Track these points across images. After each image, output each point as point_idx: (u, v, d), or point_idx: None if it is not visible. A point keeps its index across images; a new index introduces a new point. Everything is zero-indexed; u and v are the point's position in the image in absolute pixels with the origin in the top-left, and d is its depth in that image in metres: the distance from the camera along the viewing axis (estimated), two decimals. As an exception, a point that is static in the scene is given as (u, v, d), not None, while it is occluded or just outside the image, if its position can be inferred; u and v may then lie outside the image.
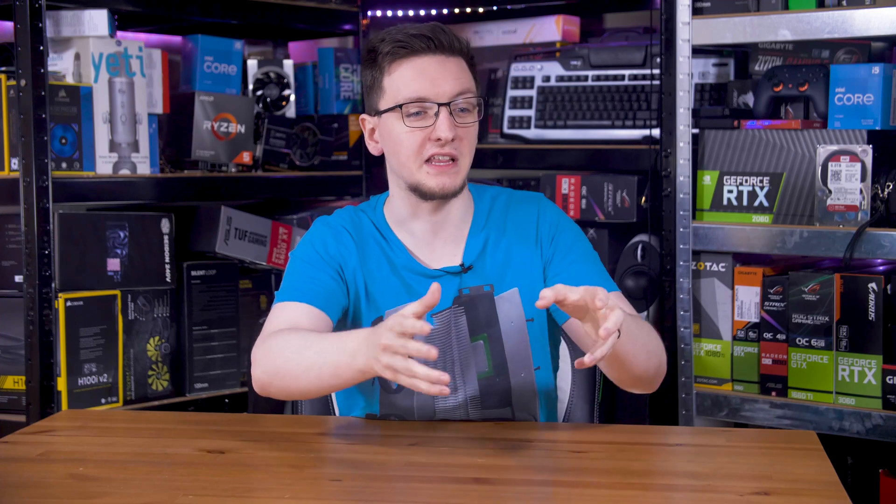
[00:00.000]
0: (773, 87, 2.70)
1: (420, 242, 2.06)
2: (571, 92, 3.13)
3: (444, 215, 2.04)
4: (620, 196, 2.98)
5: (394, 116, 1.98)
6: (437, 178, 1.97)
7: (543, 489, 1.66)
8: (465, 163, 2.00)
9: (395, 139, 1.99)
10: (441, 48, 1.98)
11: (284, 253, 3.19)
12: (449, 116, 1.95)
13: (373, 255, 2.06)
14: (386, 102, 2.00)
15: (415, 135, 1.97)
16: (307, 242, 2.07)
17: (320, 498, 1.67)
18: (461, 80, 1.98)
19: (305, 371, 1.84)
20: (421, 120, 1.97)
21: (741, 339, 2.71)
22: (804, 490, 1.63)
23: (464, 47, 2.01)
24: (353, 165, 3.44)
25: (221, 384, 3.07)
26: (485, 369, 2.04)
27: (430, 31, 1.98)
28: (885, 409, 2.52)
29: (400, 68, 1.98)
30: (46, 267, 2.71)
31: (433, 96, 1.96)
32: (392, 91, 1.99)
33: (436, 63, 1.97)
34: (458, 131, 1.96)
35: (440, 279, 2.02)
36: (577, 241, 2.08)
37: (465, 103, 1.98)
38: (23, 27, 2.67)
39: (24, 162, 2.69)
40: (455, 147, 1.97)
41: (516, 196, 2.13)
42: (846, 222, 2.53)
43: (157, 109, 3.02)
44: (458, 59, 2.00)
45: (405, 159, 1.98)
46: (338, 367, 1.79)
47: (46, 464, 1.78)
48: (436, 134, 1.95)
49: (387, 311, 2.03)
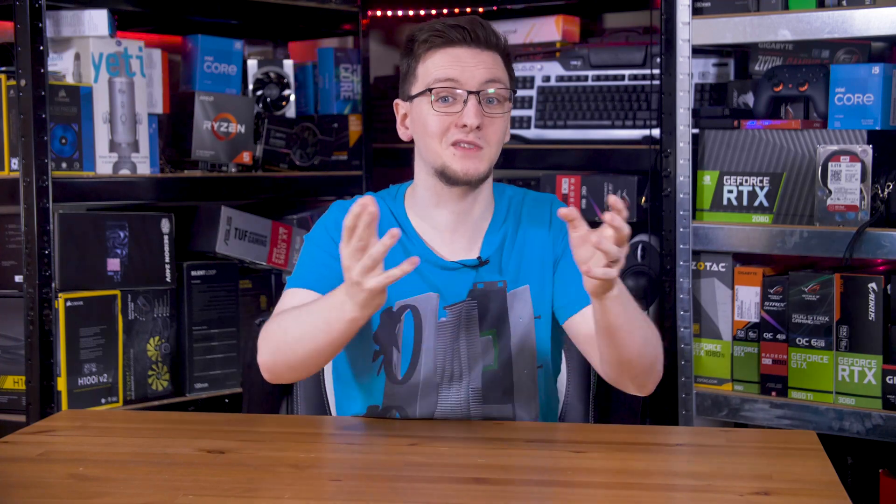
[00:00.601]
0: (773, 87, 2.70)
1: (439, 234, 2.07)
2: (571, 92, 3.13)
3: (467, 206, 2.05)
4: (620, 196, 2.98)
5: (424, 100, 2.00)
6: (461, 162, 1.99)
7: (543, 489, 1.66)
8: (491, 152, 2.01)
9: (422, 122, 2.01)
10: (477, 41, 2.01)
11: (285, 253, 3.19)
12: (477, 104, 1.97)
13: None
14: (417, 87, 2.02)
15: (441, 119, 1.98)
16: (322, 226, 2.08)
17: (320, 498, 1.67)
18: (493, 71, 2.00)
19: (300, 338, 1.88)
20: (449, 106, 1.99)
21: (741, 339, 2.71)
22: (804, 490, 1.63)
23: (500, 43, 2.04)
24: (353, 165, 3.44)
25: (221, 384, 3.07)
26: (490, 363, 2.05)
27: (467, 23, 2.02)
28: (885, 409, 2.52)
29: (434, 56, 2.01)
30: (46, 267, 2.71)
31: (463, 82, 1.98)
32: (424, 76, 2.01)
33: (470, 54, 2.00)
34: (484, 120, 1.98)
35: (456, 272, 2.03)
36: None
37: (494, 94, 1.99)
38: (23, 27, 2.67)
39: (24, 162, 2.69)
40: (480, 136, 1.98)
41: (531, 195, 2.15)
42: (846, 222, 2.53)
43: (157, 109, 3.02)
44: (492, 54, 2.02)
45: (431, 141, 2.00)
46: (328, 322, 1.83)
47: (46, 464, 1.78)
48: (462, 120, 1.97)
49: (397, 301, 2.04)
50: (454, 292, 2.04)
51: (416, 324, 2.04)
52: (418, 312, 2.04)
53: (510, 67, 2.05)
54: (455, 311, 2.04)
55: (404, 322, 2.03)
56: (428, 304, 2.04)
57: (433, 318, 2.03)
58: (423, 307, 2.04)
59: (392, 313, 2.04)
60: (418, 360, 2.04)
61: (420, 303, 2.04)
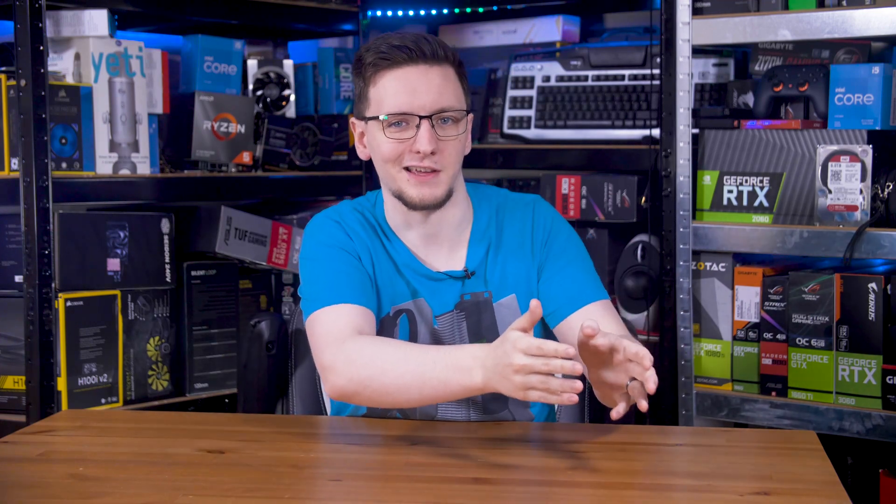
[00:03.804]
0: (773, 87, 2.70)
1: (419, 246, 2.05)
2: (571, 92, 3.13)
3: (436, 225, 2.02)
4: (620, 196, 2.98)
5: (376, 125, 1.96)
6: (417, 189, 1.95)
7: (543, 489, 1.66)
8: (449, 174, 1.97)
9: (377, 147, 1.98)
10: (423, 57, 1.94)
11: (284, 253, 3.19)
12: (430, 129, 1.93)
13: (376, 253, 2.04)
14: (370, 111, 1.98)
15: (395, 145, 1.95)
16: (319, 243, 2.03)
17: (320, 498, 1.67)
18: (444, 93, 1.94)
19: (405, 385, 1.81)
20: (402, 131, 1.94)
21: (741, 339, 2.71)
22: (804, 490, 1.63)
23: (449, 54, 1.97)
24: (353, 165, 3.44)
25: (221, 384, 3.07)
26: None
27: (411, 40, 1.95)
28: (885, 409, 2.52)
29: (382, 79, 1.95)
30: (46, 267, 2.71)
31: (414, 109, 1.93)
32: (376, 101, 1.97)
33: (418, 73, 1.94)
34: (439, 144, 1.94)
35: (443, 282, 2.02)
36: (569, 244, 2.06)
37: (448, 115, 1.95)
38: (23, 27, 2.67)
39: (24, 162, 2.69)
40: (435, 161, 1.94)
41: (512, 200, 2.10)
42: (846, 222, 2.53)
43: (157, 109, 3.02)
44: (443, 68, 1.96)
45: (386, 165, 1.97)
46: (447, 383, 1.77)
47: (46, 464, 1.78)
48: (415, 147, 1.93)
49: (392, 306, 2.03)
50: (442, 302, 2.03)
51: (411, 328, 2.03)
52: (413, 317, 2.03)
53: (464, 80, 2.00)
54: (444, 320, 2.03)
55: (399, 326, 2.03)
56: (422, 309, 2.03)
57: (428, 325, 2.03)
58: (417, 312, 2.03)
59: (388, 318, 2.03)
60: None
61: (415, 307, 2.03)
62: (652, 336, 2.86)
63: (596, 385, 1.83)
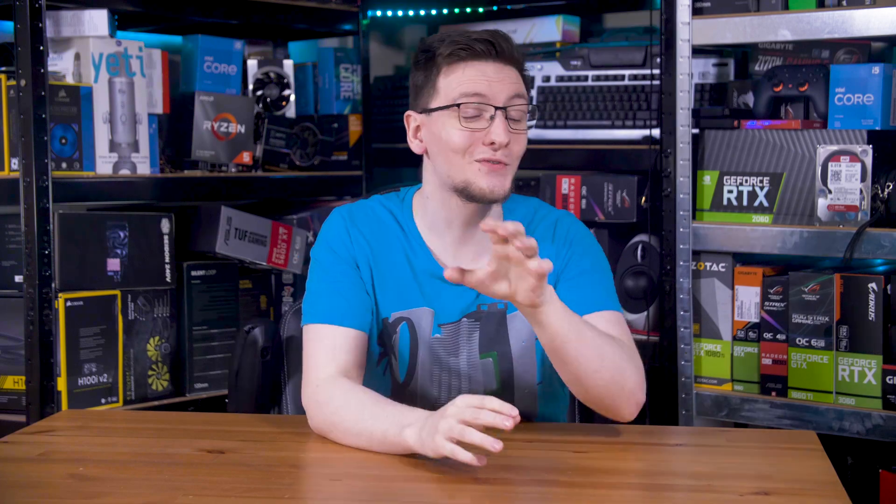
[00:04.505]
0: (773, 87, 2.70)
1: (445, 247, 2.04)
2: (571, 92, 3.13)
3: (479, 222, 1.99)
4: (620, 196, 2.98)
5: (447, 115, 1.95)
6: (488, 178, 1.94)
7: (543, 489, 1.66)
8: (513, 169, 1.98)
9: (445, 137, 1.96)
10: (501, 55, 1.96)
11: (284, 253, 3.19)
12: (504, 121, 1.94)
13: (389, 254, 2.04)
14: (439, 101, 1.97)
15: (467, 135, 1.94)
16: (324, 242, 2.05)
17: (320, 498, 1.67)
18: (517, 87, 1.97)
19: (358, 434, 1.83)
20: (475, 122, 1.94)
21: (741, 339, 2.71)
22: (804, 490, 1.63)
23: (519, 57, 2.00)
24: (353, 165, 3.44)
25: (221, 384, 3.06)
26: (493, 386, 2.04)
27: (491, 36, 1.97)
28: (885, 409, 2.52)
29: (458, 69, 1.96)
30: (46, 267, 2.71)
31: (490, 97, 1.94)
32: (447, 90, 1.96)
33: (495, 68, 1.96)
34: (511, 136, 1.95)
35: (457, 287, 1.99)
36: (586, 256, 2.04)
37: (519, 110, 1.96)
38: (23, 27, 2.67)
39: (24, 162, 2.69)
40: (506, 153, 1.95)
41: (542, 212, 2.10)
42: (846, 222, 2.53)
43: (157, 109, 3.02)
44: (513, 69, 1.98)
45: (454, 156, 1.95)
46: (386, 436, 1.79)
47: (46, 464, 1.78)
48: (490, 137, 1.93)
49: (393, 313, 2.03)
50: (450, 309, 2.02)
51: (411, 336, 2.03)
52: (413, 326, 2.03)
53: (527, 82, 2.02)
54: (450, 329, 2.02)
55: (400, 334, 2.03)
56: (422, 318, 2.02)
57: (428, 334, 2.02)
58: (417, 321, 2.02)
59: (388, 323, 2.03)
60: (415, 370, 2.03)
61: (415, 316, 2.03)
62: (652, 336, 2.86)
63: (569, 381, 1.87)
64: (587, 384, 1.86)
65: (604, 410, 1.91)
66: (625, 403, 1.88)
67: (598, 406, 1.91)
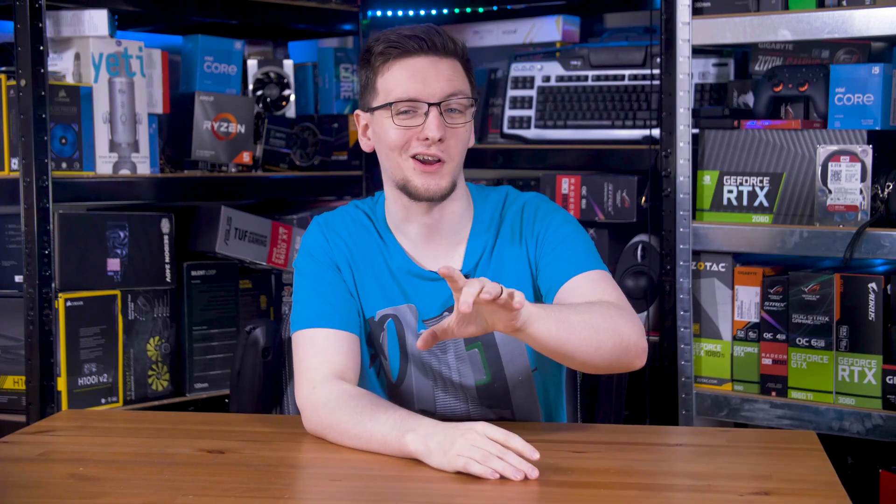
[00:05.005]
0: (773, 87, 2.70)
1: (416, 245, 2.05)
2: (571, 92, 3.13)
3: (437, 218, 2.02)
4: (620, 196, 2.98)
5: (384, 114, 1.97)
6: (422, 178, 1.96)
7: (543, 489, 1.66)
8: (453, 165, 1.98)
9: (384, 136, 1.98)
10: (434, 49, 1.96)
11: (284, 253, 3.19)
12: (438, 116, 1.94)
13: (369, 256, 2.05)
14: (378, 101, 1.99)
15: (402, 132, 1.96)
16: (304, 252, 2.07)
17: (320, 498, 1.67)
18: (453, 81, 1.96)
19: (357, 436, 1.83)
20: (410, 118, 1.95)
21: (741, 339, 2.71)
22: (804, 490, 1.63)
23: (458, 49, 1.99)
24: (353, 165, 3.44)
25: (221, 384, 3.06)
26: (483, 377, 2.04)
27: (423, 32, 1.97)
28: (885, 409, 2.52)
29: (392, 68, 1.97)
30: (46, 267, 2.71)
31: (424, 96, 1.94)
32: (384, 90, 1.97)
33: (428, 63, 1.96)
34: (446, 132, 1.95)
35: (435, 282, 2.01)
36: (560, 229, 2.03)
37: (456, 104, 1.96)
38: (23, 27, 2.67)
39: (24, 162, 2.69)
40: (442, 149, 1.95)
41: (511, 196, 2.10)
42: (846, 222, 2.53)
43: (157, 109, 3.02)
44: (451, 61, 1.98)
45: (392, 153, 1.97)
46: (386, 439, 1.78)
47: (46, 464, 1.78)
48: (423, 133, 1.94)
49: (378, 311, 2.03)
50: (431, 304, 2.02)
51: (398, 333, 2.03)
52: (400, 322, 2.03)
53: (470, 74, 2.01)
54: (433, 324, 2.02)
55: (387, 331, 2.03)
56: (407, 315, 2.03)
57: (414, 331, 2.02)
58: (403, 318, 2.03)
59: (374, 323, 2.04)
60: (407, 366, 2.04)
61: (399, 313, 2.03)
62: (652, 336, 2.86)
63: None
64: (594, 363, 1.86)
65: (616, 370, 1.93)
66: (633, 358, 1.89)
67: (609, 371, 1.93)
